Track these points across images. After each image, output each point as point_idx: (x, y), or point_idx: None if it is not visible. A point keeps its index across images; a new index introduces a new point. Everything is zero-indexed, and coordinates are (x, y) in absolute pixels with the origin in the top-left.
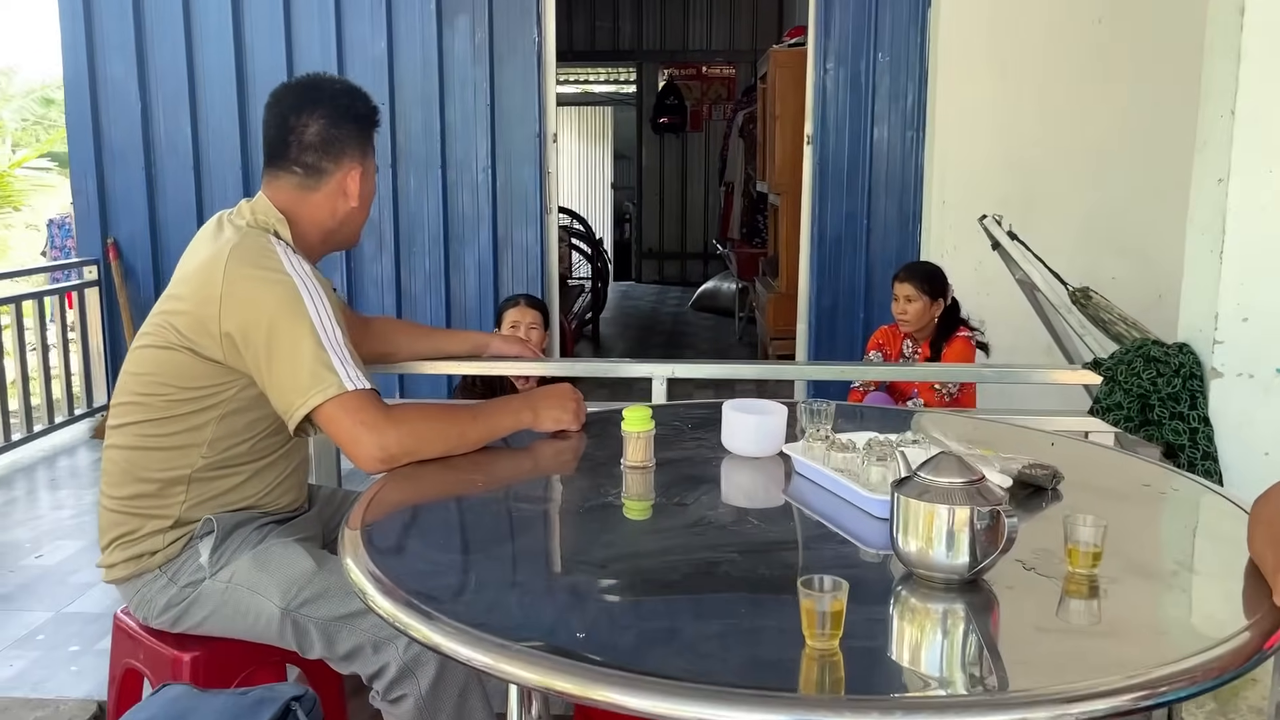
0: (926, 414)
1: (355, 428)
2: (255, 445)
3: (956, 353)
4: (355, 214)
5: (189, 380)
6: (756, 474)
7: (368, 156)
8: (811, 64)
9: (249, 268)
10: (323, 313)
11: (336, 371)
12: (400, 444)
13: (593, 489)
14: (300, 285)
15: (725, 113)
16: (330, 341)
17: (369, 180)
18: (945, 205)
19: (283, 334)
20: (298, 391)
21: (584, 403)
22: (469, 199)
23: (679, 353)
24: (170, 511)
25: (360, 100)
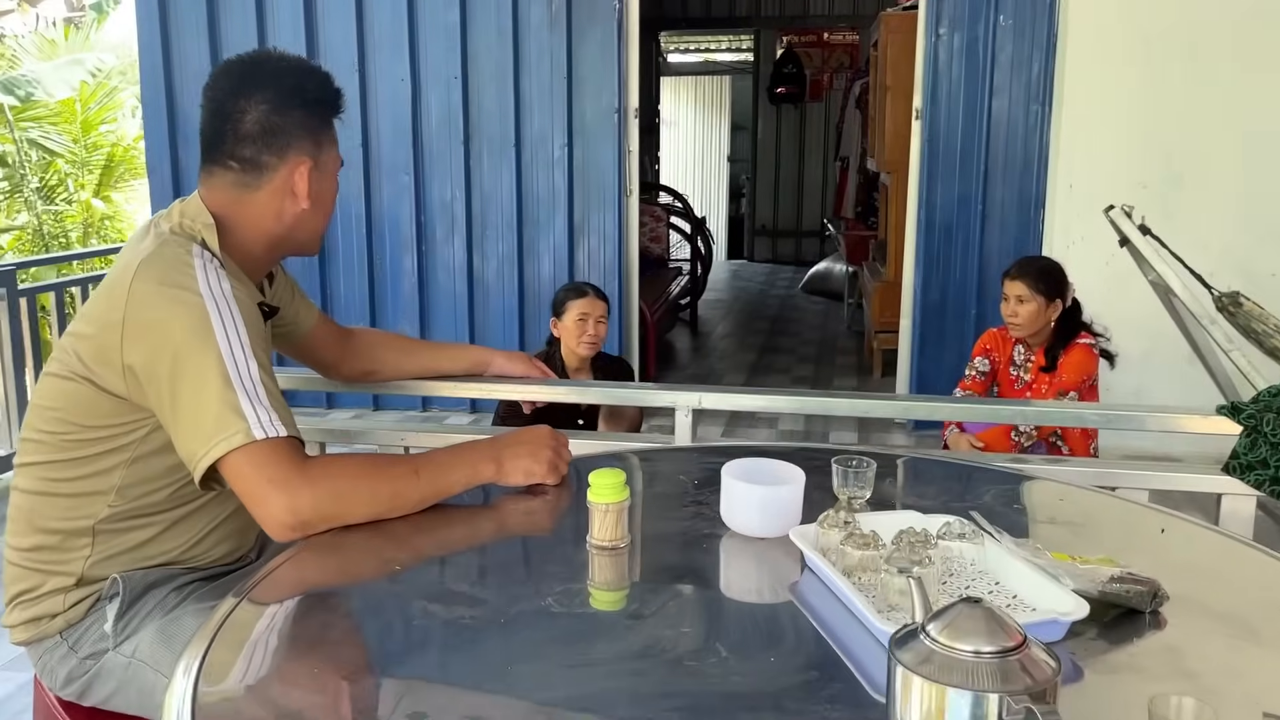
0: (1000, 473)
1: (262, 486)
2: (176, 492)
3: (1075, 363)
4: (307, 217)
5: (92, 417)
6: (758, 565)
7: (323, 149)
8: (922, 29)
9: (156, 284)
10: (235, 341)
11: (245, 415)
12: (316, 508)
13: (545, 579)
14: (211, 306)
15: (845, 81)
16: (241, 377)
17: (326, 177)
18: (1072, 190)
19: (187, 368)
20: (200, 439)
21: (568, 448)
22: (544, 179)
23: (780, 341)
24: (72, 568)
25: (312, 81)
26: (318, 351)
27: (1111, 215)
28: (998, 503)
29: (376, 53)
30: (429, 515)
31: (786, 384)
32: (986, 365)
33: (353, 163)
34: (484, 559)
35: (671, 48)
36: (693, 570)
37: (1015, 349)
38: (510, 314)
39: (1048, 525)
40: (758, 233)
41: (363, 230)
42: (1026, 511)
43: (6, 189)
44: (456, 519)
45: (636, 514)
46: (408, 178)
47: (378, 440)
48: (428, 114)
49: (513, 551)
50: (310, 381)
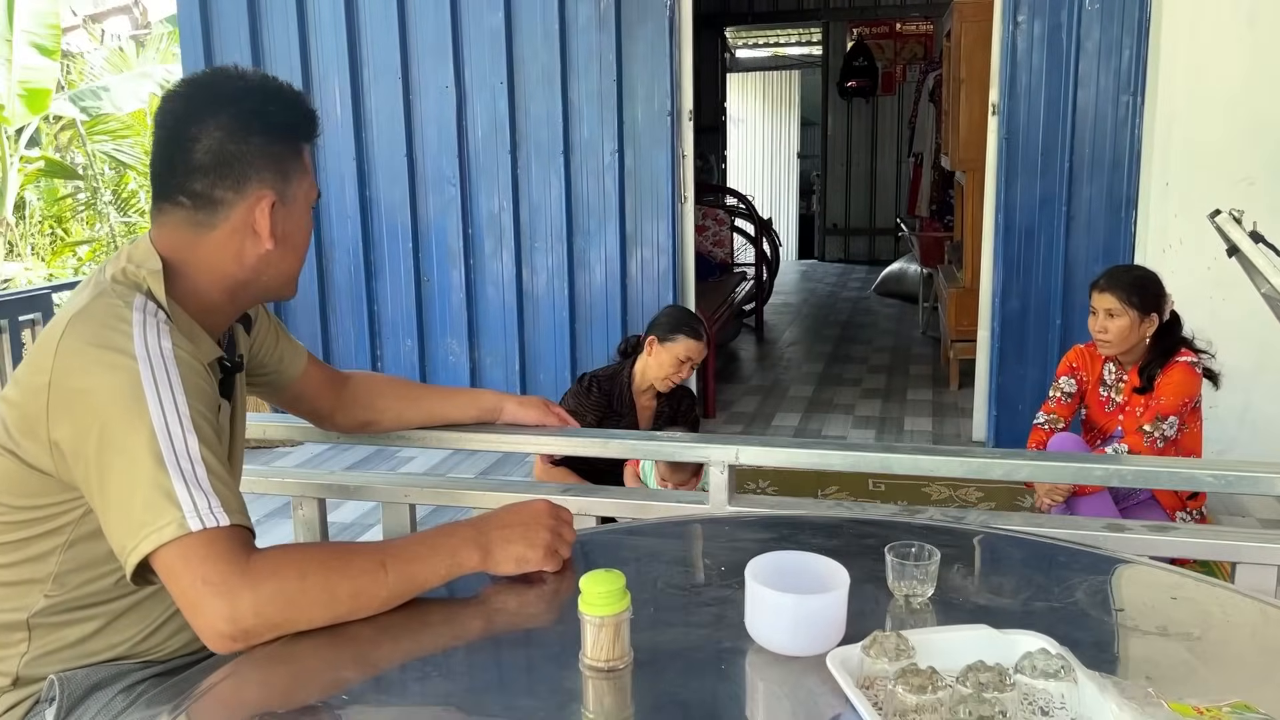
0: (1093, 556)
1: (196, 588)
2: (122, 580)
3: (1175, 384)
4: (274, 259)
5: (20, 496)
6: (790, 695)
7: (291, 180)
8: (999, 16)
9: (85, 344)
10: (171, 411)
11: (179, 502)
12: (259, 614)
13: (527, 713)
14: (146, 371)
15: (919, 73)
16: (176, 455)
17: (294, 213)
18: (1169, 188)
19: (115, 444)
20: (128, 530)
21: (571, 526)
22: (594, 187)
23: (851, 349)
24: (6, 667)
25: (276, 102)
26: (309, 400)
27: (1218, 221)
28: (1092, 602)
29: (420, 60)
30: (396, 615)
31: (857, 397)
32: (1073, 385)
33: (398, 174)
34: (454, 682)
35: (738, 43)
36: (708, 700)
37: (1105, 367)
38: (561, 328)
39: (1159, 641)
40: (829, 231)
41: (409, 244)
42: (1130, 617)
43: (84, 201)
44: (430, 618)
45: (646, 615)
46: (454, 189)
47: (378, 496)
48: (473, 122)
49: (490, 672)
50: (306, 432)
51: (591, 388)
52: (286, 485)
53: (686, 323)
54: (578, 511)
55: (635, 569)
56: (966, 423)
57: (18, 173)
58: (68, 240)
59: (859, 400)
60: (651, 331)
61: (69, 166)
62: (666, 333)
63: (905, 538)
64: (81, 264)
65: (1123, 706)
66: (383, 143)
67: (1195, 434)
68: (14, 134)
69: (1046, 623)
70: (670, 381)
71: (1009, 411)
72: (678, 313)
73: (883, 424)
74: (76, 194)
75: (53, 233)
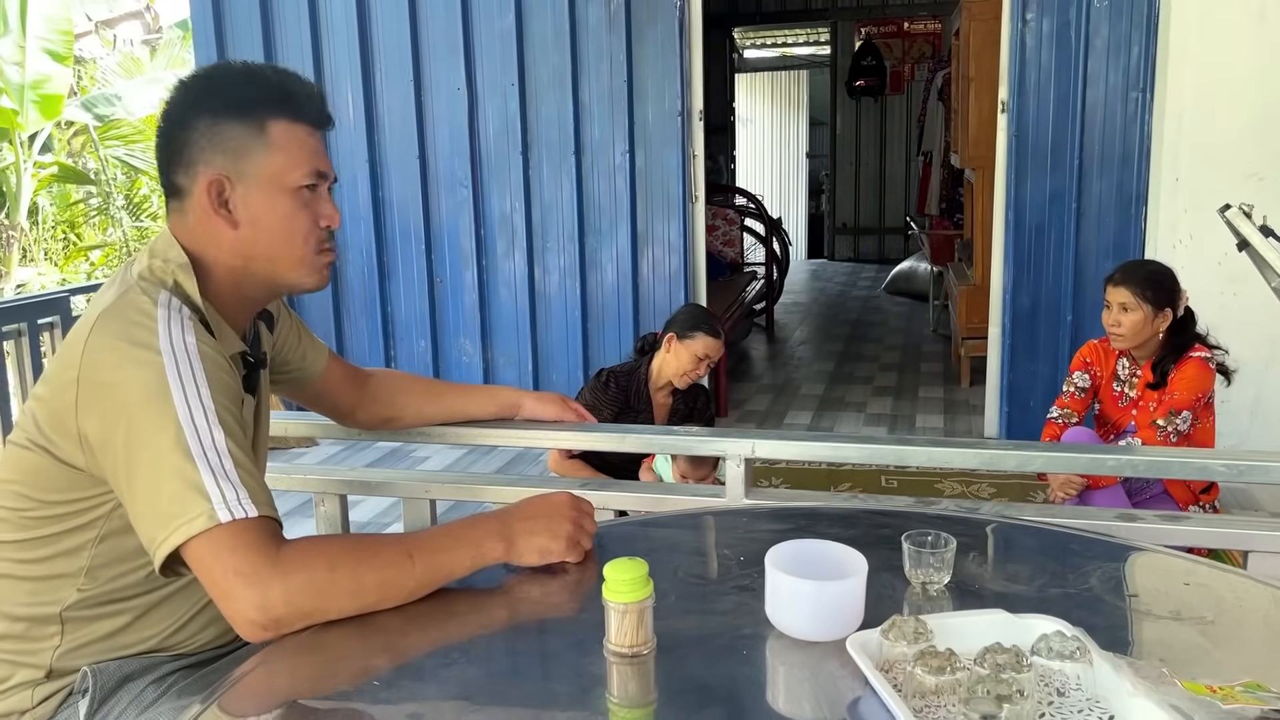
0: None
1: (227, 579)
2: (153, 574)
3: (1189, 379)
4: (249, 241)
5: (52, 491)
6: (810, 678)
7: (245, 159)
8: (1008, 14)
9: (113, 340)
10: (196, 405)
11: (208, 494)
12: (290, 603)
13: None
14: (170, 365)
15: (927, 72)
16: (204, 448)
17: (257, 192)
18: (1179, 184)
19: (142, 438)
20: (157, 522)
21: (592, 517)
22: (605, 187)
23: (862, 347)
24: (40, 659)
25: (223, 82)
26: (331, 397)
27: (1228, 216)
28: (1106, 588)
29: (431, 62)
30: (423, 604)
31: (868, 395)
32: (1087, 380)
33: (410, 176)
34: (481, 668)
35: (746, 43)
36: (730, 684)
37: (1119, 362)
38: (574, 328)
39: (1172, 625)
40: (838, 230)
41: (422, 245)
42: (1143, 602)
43: (97, 206)
44: (457, 607)
45: (667, 603)
46: (466, 190)
47: (400, 491)
48: (485, 124)
49: (516, 659)
50: (327, 429)
51: (610, 383)
52: (308, 482)
53: (705, 321)
54: (596, 505)
55: (655, 559)
56: (978, 419)
57: (31, 178)
58: (80, 245)
59: (870, 398)
60: (670, 329)
61: (81, 172)
62: (685, 330)
63: (921, 528)
64: (94, 269)
65: (1137, 685)
66: (395, 144)
67: (1208, 429)
68: (27, 140)
69: (1061, 608)
70: (688, 378)
71: (1020, 408)
72: (696, 311)
73: (894, 421)
74: (89, 199)
75: (65, 238)
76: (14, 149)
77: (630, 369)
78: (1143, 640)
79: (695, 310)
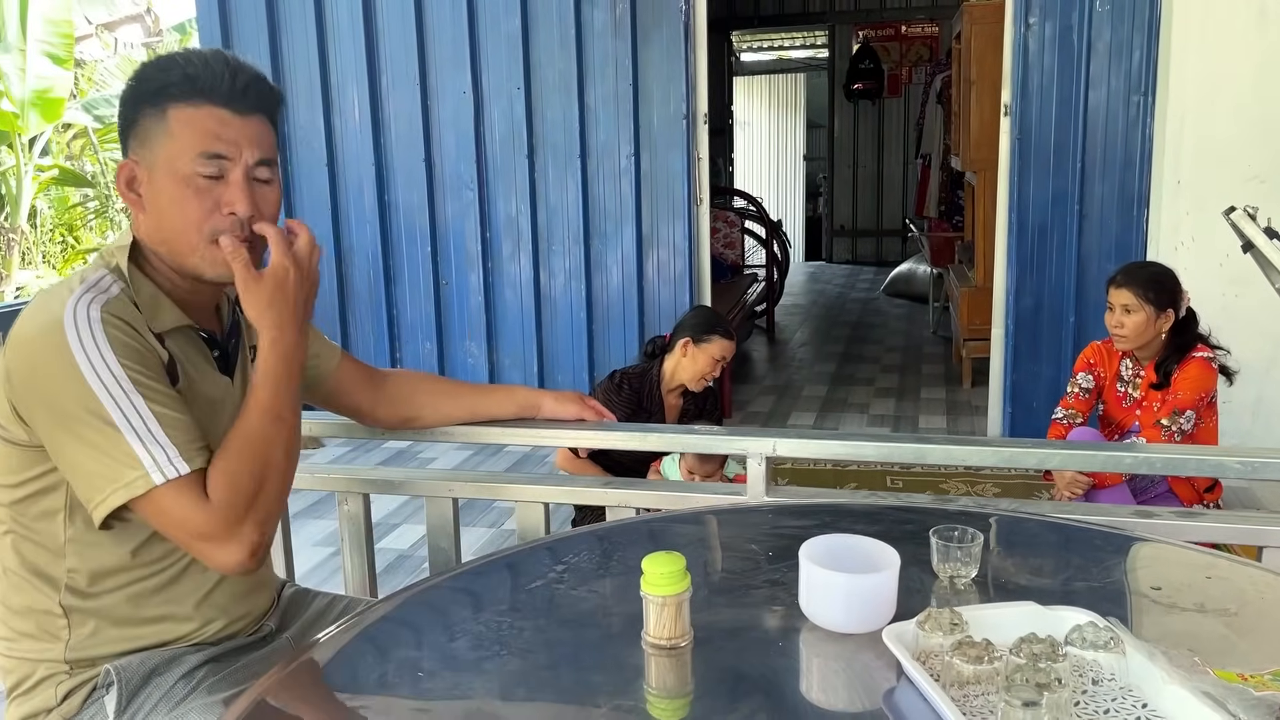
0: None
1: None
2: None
3: (1192, 379)
4: (154, 227)
5: (14, 472)
6: (845, 668)
7: (151, 145)
8: (1010, 18)
9: (29, 321)
10: (107, 375)
11: (139, 459)
12: (258, 528)
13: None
14: (72, 338)
15: (925, 76)
16: (124, 414)
17: (159, 177)
18: (1180, 186)
19: (65, 413)
20: (94, 485)
21: None
22: (611, 190)
23: (862, 348)
24: (56, 653)
25: (142, 72)
26: (346, 397)
27: (1233, 218)
28: (1129, 582)
29: (438, 66)
30: (466, 598)
31: (870, 396)
32: (1090, 381)
33: (416, 179)
34: (525, 659)
35: (744, 46)
36: (767, 675)
37: (1122, 363)
38: (579, 330)
39: (1197, 616)
40: (836, 233)
41: (428, 248)
42: (1167, 595)
43: (95, 209)
44: (499, 601)
45: (701, 597)
46: (472, 193)
47: (422, 490)
48: (491, 127)
49: (558, 650)
50: (350, 429)
51: (623, 385)
52: (331, 481)
53: (719, 323)
54: (617, 504)
55: (685, 555)
56: (981, 420)
57: (32, 181)
58: (78, 248)
59: (873, 399)
60: (683, 334)
61: (80, 175)
62: (701, 334)
63: (944, 523)
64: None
65: (1171, 674)
66: (401, 148)
67: (1211, 428)
68: (28, 143)
69: (1087, 600)
70: (704, 381)
71: (1023, 408)
72: (707, 314)
73: (898, 422)
74: (87, 202)
75: (64, 240)
76: (14, 152)
77: (642, 371)
78: (1170, 632)
79: (706, 313)
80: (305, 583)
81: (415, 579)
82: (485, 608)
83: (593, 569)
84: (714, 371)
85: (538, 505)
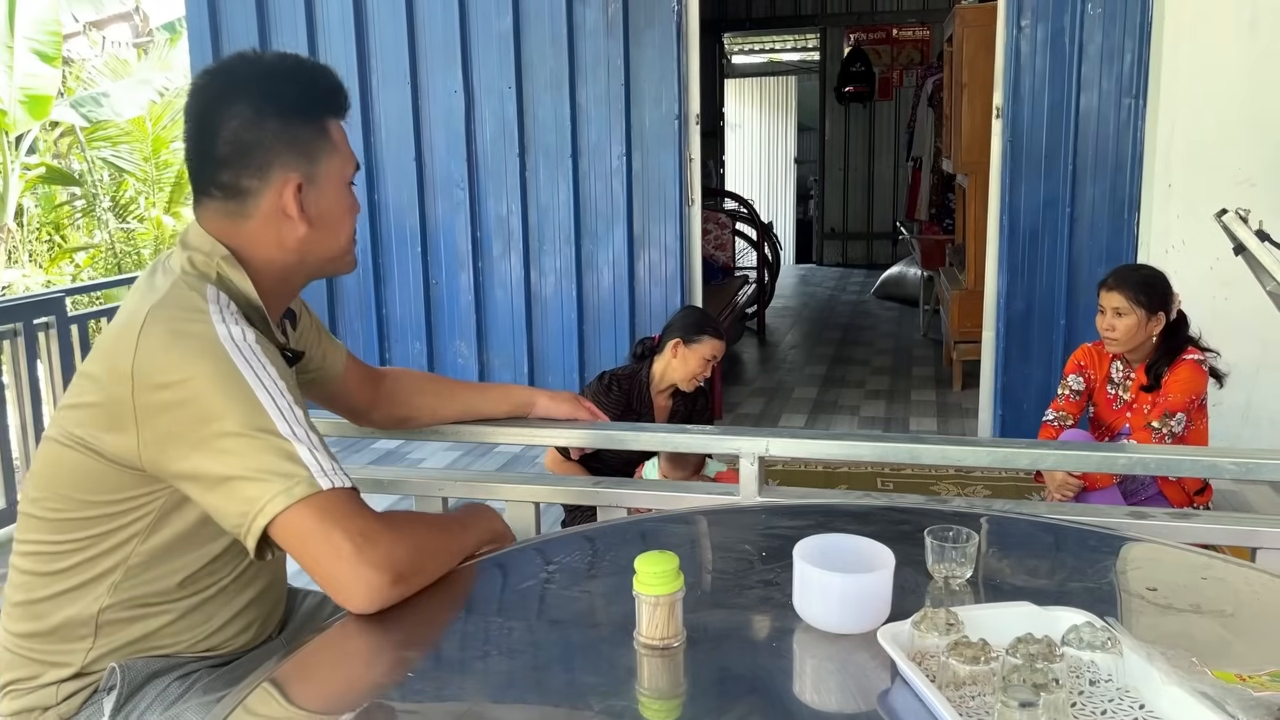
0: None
1: (350, 540)
2: (191, 577)
3: (1182, 381)
4: (315, 240)
5: (95, 491)
6: (839, 669)
7: (318, 160)
8: (1003, 21)
9: (169, 335)
10: (272, 387)
11: (305, 463)
12: (409, 559)
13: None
14: (236, 354)
15: (916, 79)
16: (289, 424)
17: (327, 191)
18: (1171, 190)
19: (222, 423)
20: (252, 495)
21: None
22: (602, 190)
23: (853, 350)
24: (71, 659)
25: (291, 81)
26: (349, 396)
27: (1225, 220)
28: (1124, 582)
29: (428, 64)
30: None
31: (861, 398)
32: (1081, 383)
33: (406, 178)
34: (515, 660)
35: (735, 49)
36: (760, 676)
37: (1113, 365)
38: (569, 330)
39: (1193, 617)
40: (827, 236)
41: (417, 247)
42: (1163, 596)
43: (82, 208)
44: (488, 599)
45: (693, 597)
46: (462, 192)
47: (412, 489)
48: (482, 126)
49: (549, 651)
50: (341, 427)
51: (612, 386)
52: None
53: (709, 323)
54: (609, 504)
55: (678, 555)
56: (971, 422)
57: (18, 179)
58: (65, 247)
59: (863, 401)
60: (673, 335)
61: (67, 173)
62: (692, 335)
63: (938, 523)
64: (79, 270)
65: (1169, 674)
66: (391, 146)
67: (1201, 431)
68: (14, 141)
69: (1083, 601)
70: (695, 381)
71: (1014, 411)
72: (696, 314)
73: (888, 424)
74: (74, 200)
75: (50, 239)
76: (1, 150)
77: (631, 372)
78: (1166, 633)
79: (695, 313)
80: (295, 582)
81: None
82: (475, 608)
83: (584, 569)
84: (705, 371)
85: (528, 505)
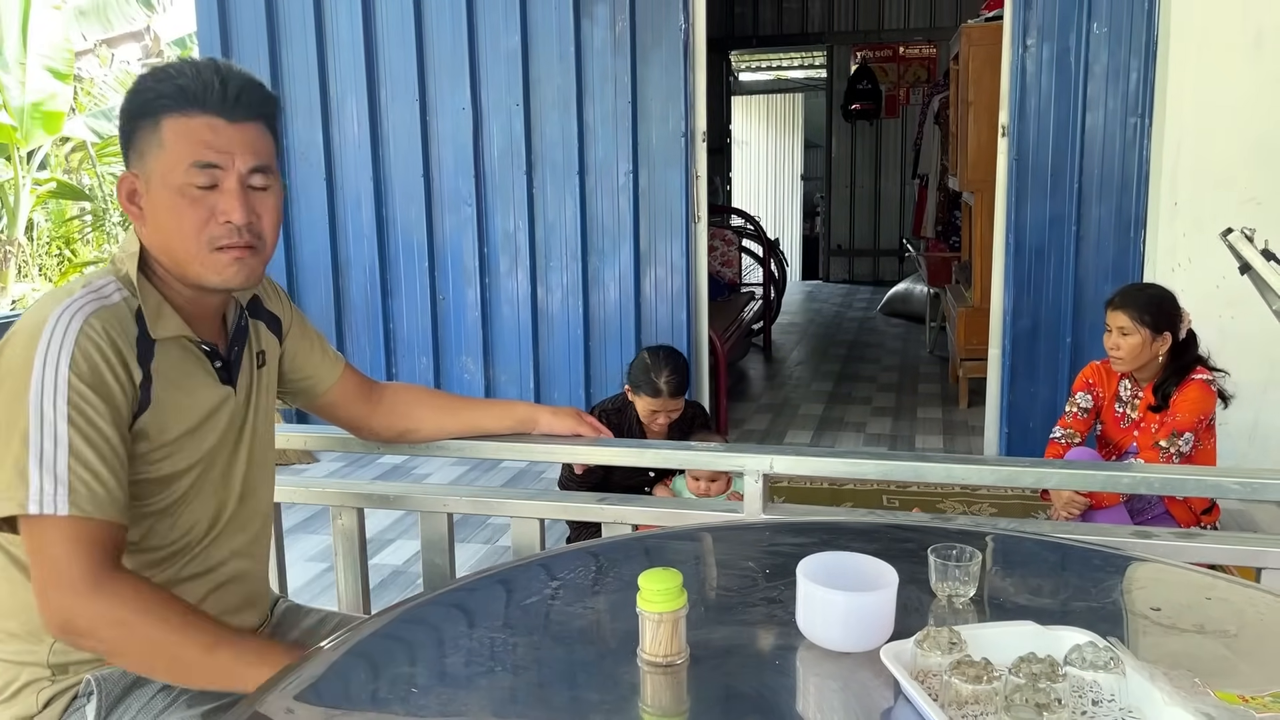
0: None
1: (46, 574)
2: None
3: (1191, 401)
4: (158, 240)
5: None
6: (843, 688)
7: (147, 157)
8: (1008, 40)
9: (32, 311)
10: (50, 389)
11: (28, 481)
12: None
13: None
14: (40, 354)
15: (922, 96)
16: (42, 437)
17: (156, 189)
18: (1177, 208)
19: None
20: None
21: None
22: (609, 207)
23: (859, 367)
24: (40, 656)
25: (135, 85)
26: (344, 409)
27: (1230, 239)
28: (1128, 602)
29: (437, 82)
30: (461, 613)
31: (866, 415)
32: (1089, 401)
33: (414, 194)
34: (519, 676)
35: (742, 66)
36: (763, 693)
37: (1121, 384)
38: (575, 347)
39: (1197, 638)
40: (833, 253)
41: (425, 263)
42: (1167, 616)
43: (92, 222)
44: (493, 615)
45: (697, 614)
46: (470, 209)
47: (417, 505)
48: (489, 143)
49: (553, 667)
50: (346, 443)
51: (602, 419)
52: (325, 495)
53: (648, 380)
54: (614, 520)
55: (681, 572)
56: (977, 440)
57: (30, 194)
58: (75, 261)
59: (869, 418)
60: (627, 378)
61: (78, 188)
62: (634, 386)
63: (942, 541)
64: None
65: (1171, 695)
66: (399, 163)
67: (1209, 451)
68: (26, 156)
69: (1086, 620)
70: (655, 432)
71: (1020, 429)
72: (646, 362)
73: (894, 441)
74: (84, 215)
75: (60, 253)
76: (13, 165)
77: (620, 405)
78: (1169, 653)
79: (644, 361)
80: (298, 598)
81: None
82: (479, 624)
83: (588, 585)
84: (660, 422)
85: (533, 521)
